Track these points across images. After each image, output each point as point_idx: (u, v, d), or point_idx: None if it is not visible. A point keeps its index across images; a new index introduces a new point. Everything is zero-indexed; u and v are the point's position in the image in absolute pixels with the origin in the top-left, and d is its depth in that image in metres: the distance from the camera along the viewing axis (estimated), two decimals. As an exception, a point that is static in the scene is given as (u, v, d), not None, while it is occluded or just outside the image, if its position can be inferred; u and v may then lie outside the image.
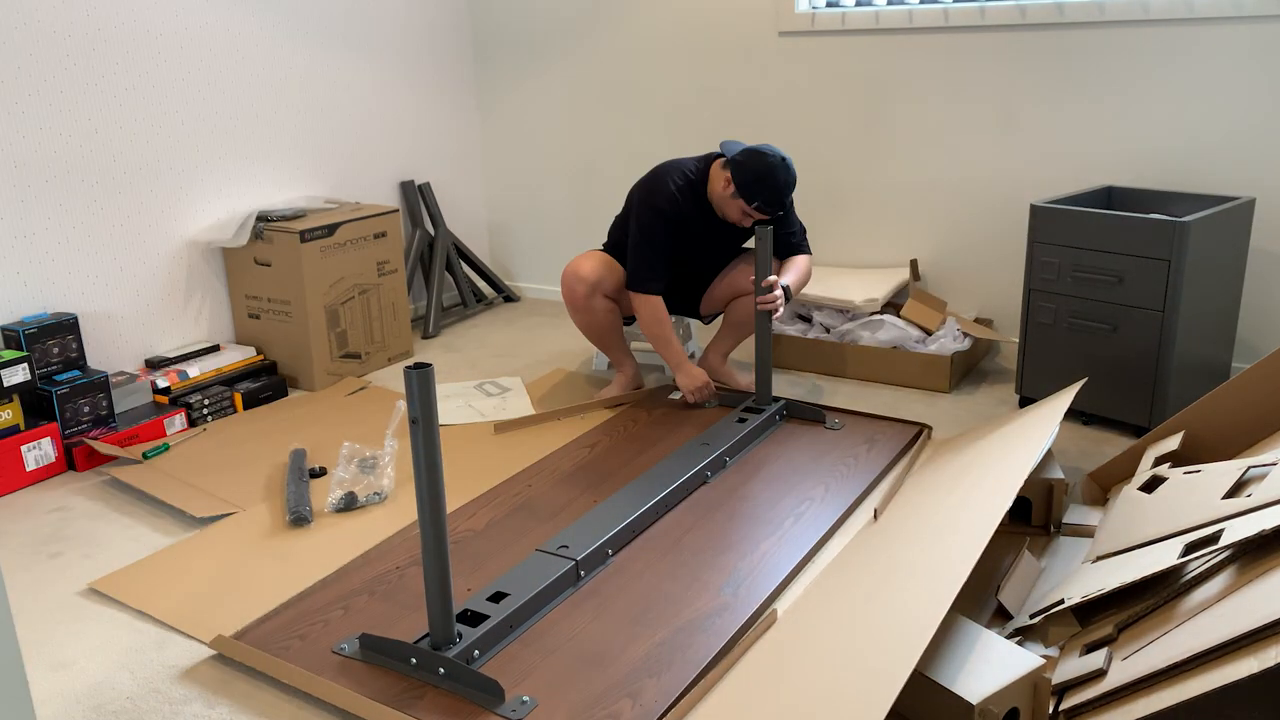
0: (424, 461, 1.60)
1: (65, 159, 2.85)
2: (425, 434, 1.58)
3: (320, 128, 3.59)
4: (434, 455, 1.60)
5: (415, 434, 1.58)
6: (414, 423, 1.58)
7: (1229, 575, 1.49)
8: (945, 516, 1.89)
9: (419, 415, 1.57)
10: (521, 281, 4.39)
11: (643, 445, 2.64)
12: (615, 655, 1.74)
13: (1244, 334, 3.00)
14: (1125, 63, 3.00)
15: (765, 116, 3.63)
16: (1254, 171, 2.89)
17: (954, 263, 3.44)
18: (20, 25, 2.70)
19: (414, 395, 1.56)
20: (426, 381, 1.56)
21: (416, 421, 1.57)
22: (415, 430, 1.58)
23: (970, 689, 1.49)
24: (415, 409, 1.57)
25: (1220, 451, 2.13)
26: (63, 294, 2.89)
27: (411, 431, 1.58)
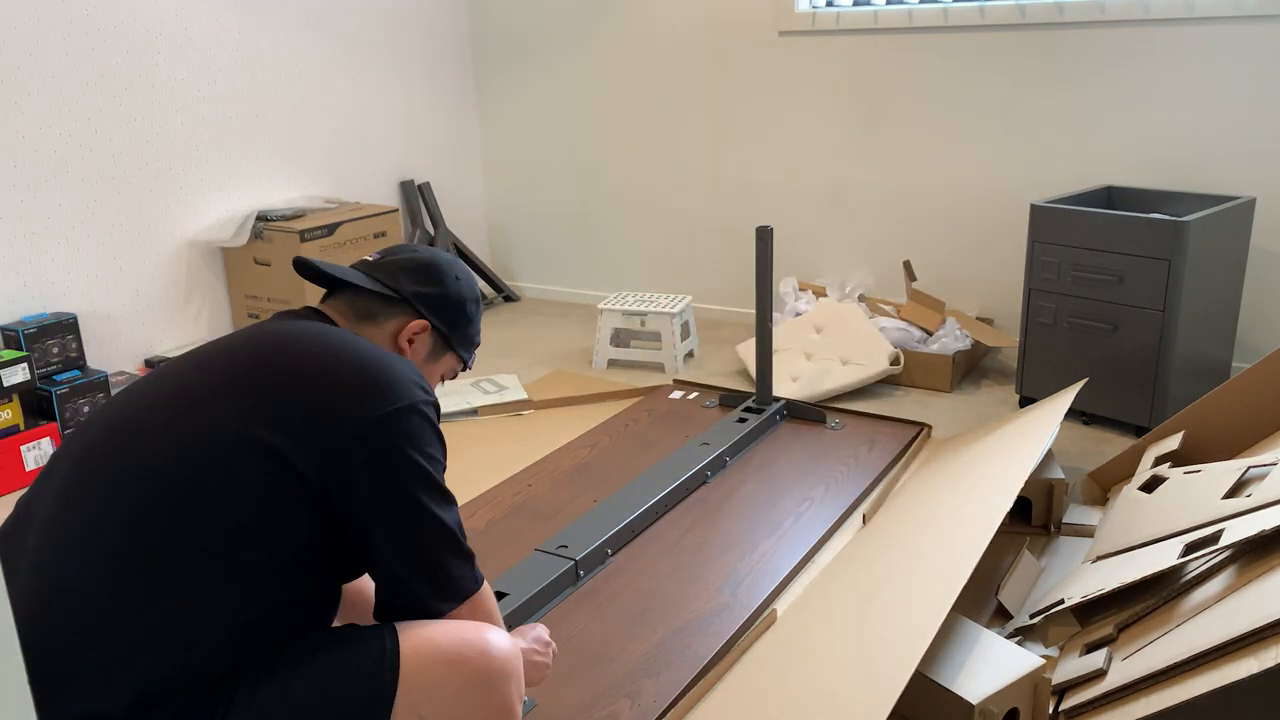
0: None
1: (65, 159, 2.84)
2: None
3: (320, 127, 3.59)
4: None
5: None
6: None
7: (1229, 575, 1.49)
8: (946, 516, 1.88)
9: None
10: (521, 281, 4.39)
11: (643, 445, 2.64)
12: (614, 655, 1.74)
13: (1244, 334, 3.00)
14: (1125, 63, 2.99)
15: (765, 116, 3.63)
16: (1254, 171, 2.88)
17: (954, 263, 3.44)
18: (20, 25, 2.70)
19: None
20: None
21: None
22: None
23: (970, 689, 1.49)
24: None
25: (1220, 451, 2.13)
26: (62, 294, 2.89)
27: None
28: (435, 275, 1.38)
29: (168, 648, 1.04)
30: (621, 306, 3.38)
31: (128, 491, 1.07)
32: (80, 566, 1.05)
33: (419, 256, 1.40)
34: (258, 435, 1.09)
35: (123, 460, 1.10)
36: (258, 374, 1.14)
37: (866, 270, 3.59)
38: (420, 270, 1.38)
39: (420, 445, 1.17)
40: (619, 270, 4.12)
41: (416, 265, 1.38)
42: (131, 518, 1.06)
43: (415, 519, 1.16)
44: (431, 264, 1.39)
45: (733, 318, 3.90)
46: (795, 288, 3.54)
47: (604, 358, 3.41)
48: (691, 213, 3.88)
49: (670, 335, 3.32)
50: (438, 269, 1.39)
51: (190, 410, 1.12)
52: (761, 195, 3.72)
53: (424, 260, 1.39)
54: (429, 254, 1.41)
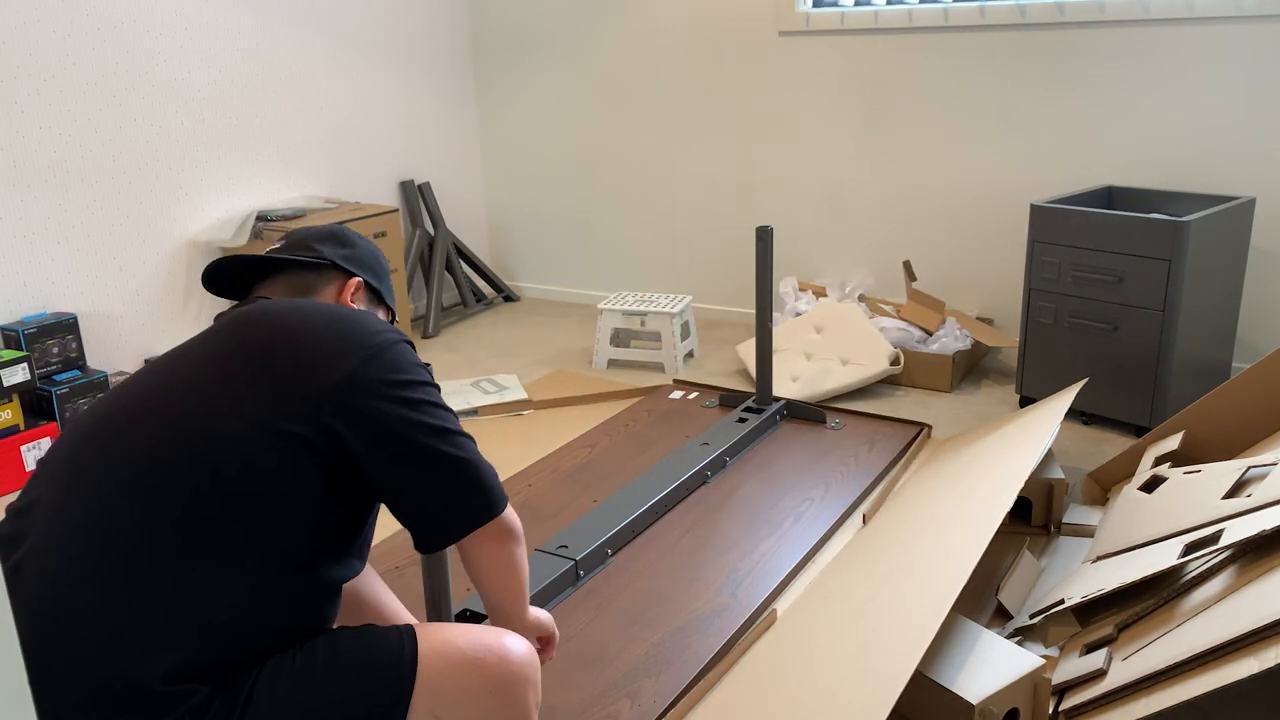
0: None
1: (65, 159, 2.84)
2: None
3: (320, 127, 3.59)
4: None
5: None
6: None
7: (1229, 575, 1.49)
8: (946, 516, 1.88)
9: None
10: (521, 281, 4.39)
11: (643, 445, 2.64)
12: (614, 655, 1.74)
13: (1244, 334, 3.00)
14: (1125, 63, 2.99)
15: (765, 116, 3.63)
16: (1254, 171, 2.88)
17: (954, 263, 3.44)
18: (20, 25, 2.70)
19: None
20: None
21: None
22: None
23: (970, 689, 1.49)
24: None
25: (1220, 451, 2.13)
26: (62, 294, 2.89)
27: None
28: (345, 239, 1.45)
29: (182, 629, 1.05)
30: (621, 306, 3.38)
31: (132, 477, 1.09)
32: (90, 545, 1.06)
33: (320, 228, 1.46)
34: (257, 414, 1.12)
35: (124, 449, 1.11)
36: (242, 354, 1.17)
37: (866, 270, 3.59)
38: (331, 237, 1.44)
39: (414, 371, 1.22)
40: (619, 270, 4.12)
41: (326, 234, 1.44)
42: (138, 500, 1.07)
43: (436, 439, 1.19)
44: (338, 231, 1.46)
45: (733, 318, 3.90)
46: (795, 288, 3.54)
47: (604, 358, 3.41)
48: (691, 213, 3.88)
49: (670, 335, 3.32)
50: (344, 234, 1.46)
51: (186, 398, 1.14)
52: (761, 195, 3.72)
53: (328, 229, 1.45)
54: (327, 225, 1.48)
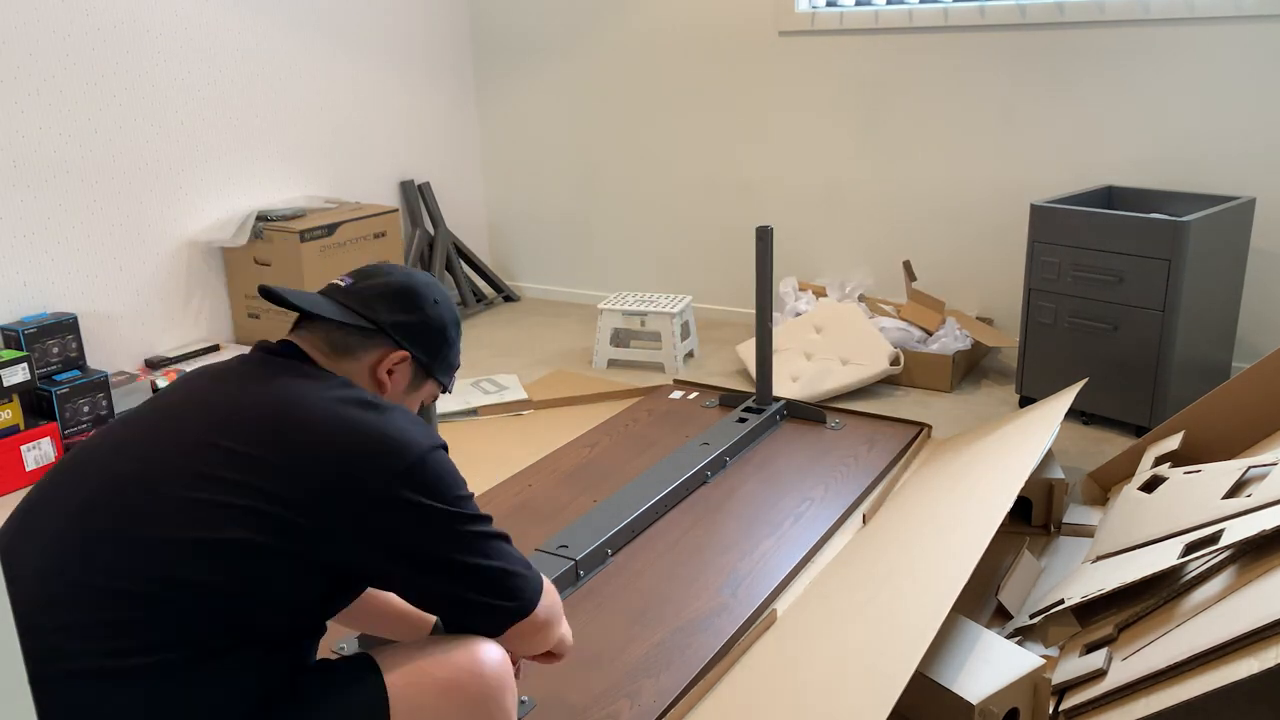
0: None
1: (65, 159, 2.85)
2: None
3: (320, 127, 3.59)
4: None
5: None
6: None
7: (1229, 575, 1.49)
8: (946, 516, 1.88)
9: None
10: (521, 281, 4.39)
11: (643, 445, 2.64)
12: (614, 656, 1.74)
13: (1244, 334, 3.00)
14: (1125, 63, 2.99)
15: (765, 116, 3.63)
16: (1254, 171, 2.88)
17: (954, 263, 3.44)
18: (20, 25, 2.70)
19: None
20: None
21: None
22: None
23: (970, 689, 1.49)
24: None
25: (1220, 451, 2.13)
26: (62, 294, 2.89)
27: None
28: (413, 302, 1.30)
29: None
30: (621, 306, 3.38)
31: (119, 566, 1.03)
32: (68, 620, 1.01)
33: (394, 280, 1.31)
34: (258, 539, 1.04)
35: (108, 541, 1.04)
36: (252, 458, 1.07)
37: (866, 270, 3.59)
38: (397, 297, 1.29)
39: (446, 490, 1.15)
40: (619, 270, 4.12)
41: (393, 292, 1.29)
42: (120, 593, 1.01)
43: (464, 567, 1.14)
44: (409, 289, 1.31)
45: (733, 318, 3.90)
46: (795, 288, 3.54)
47: (604, 358, 3.41)
48: (691, 213, 3.88)
49: (670, 335, 3.32)
50: (415, 294, 1.31)
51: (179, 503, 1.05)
52: (761, 195, 3.72)
53: (401, 285, 1.30)
54: (405, 277, 1.32)
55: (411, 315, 1.29)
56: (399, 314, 1.28)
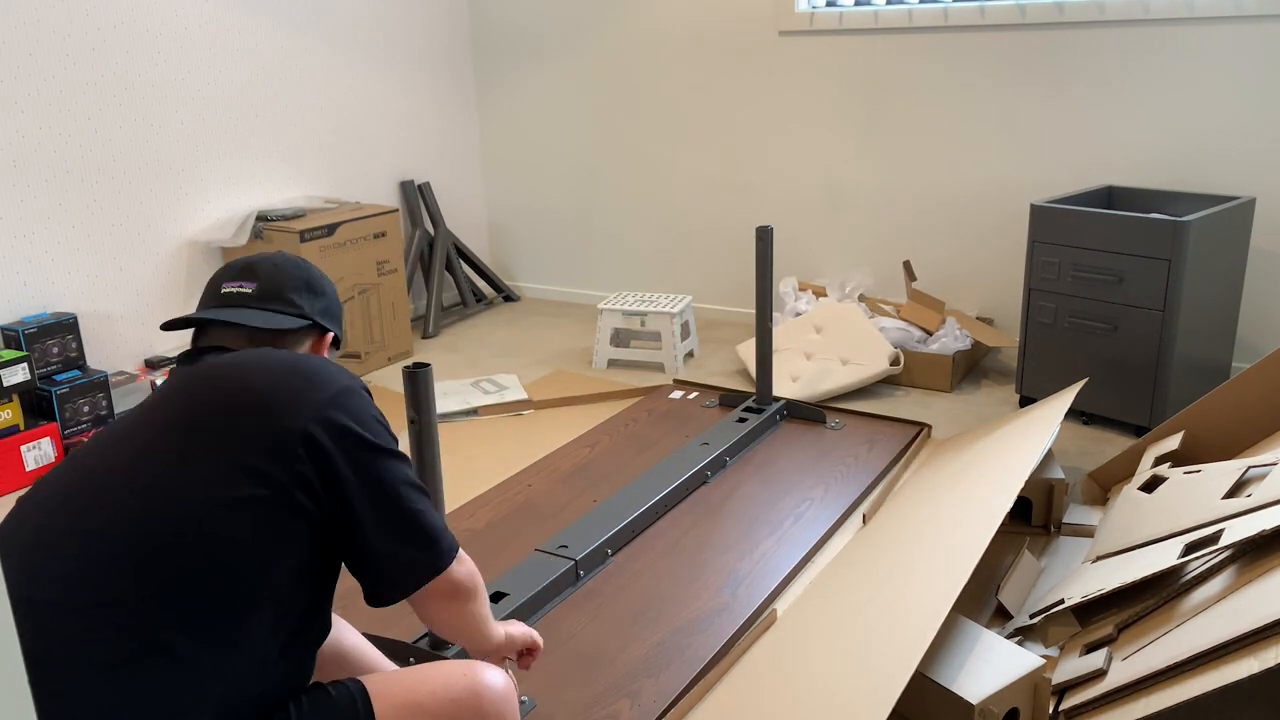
0: (421, 461, 1.60)
1: (65, 159, 2.84)
2: (422, 434, 1.58)
3: (320, 128, 3.59)
4: (433, 455, 1.60)
5: (413, 434, 1.58)
6: (412, 423, 1.57)
7: (1229, 575, 1.49)
8: (946, 516, 1.88)
9: (416, 415, 1.57)
10: (521, 281, 4.39)
11: (643, 445, 2.64)
12: (614, 655, 1.74)
13: (1244, 334, 3.00)
14: (1125, 63, 2.99)
15: (765, 116, 3.63)
16: (1254, 171, 2.88)
17: (954, 263, 3.44)
18: (20, 25, 2.70)
19: (413, 396, 1.56)
20: (425, 382, 1.56)
21: (414, 421, 1.57)
22: (413, 430, 1.58)
23: (970, 689, 1.49)
24: (413, 409, 1.56)
25: (1220, 451, 2.13)
26: (62, 294, 2.89)
27: (410, 431, 1.58)
28: (317, 285, 1.37)
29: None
30: (621, 306, 3.38)
31: (111, 550, 1.04)
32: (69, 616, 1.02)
33: (294, 273, 1.35)
34: (227, 481, 1.08)
35: (97, 525, 1.06)
36: (208, 416, 1.12)
37: (866, 270, 3.59)
38: (307, 287, 1.35)
39: (374, 418, 1.19)
40: (619, 270, 4.12)
41: (301, 283, 1.35)
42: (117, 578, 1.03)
43: (392, 488, 1.17)
44: (309, 276, 1.37)
45: (733, 318, 3.90)
46: (795, 288, 3.53)
47: (604, 358, 3.41)
48: (691, 213, 3.88)
49: (670, 335, 3.32)
50: (314, 278, 1.37)
51: (157, 476, 1.08)
52: (761, 195, 3.72)
53: (303, 275, 1.36)
54: (295, 266, 1.36)
55: (322, 299, 1.37)
56: (316, 300, 1.35)
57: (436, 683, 1.16)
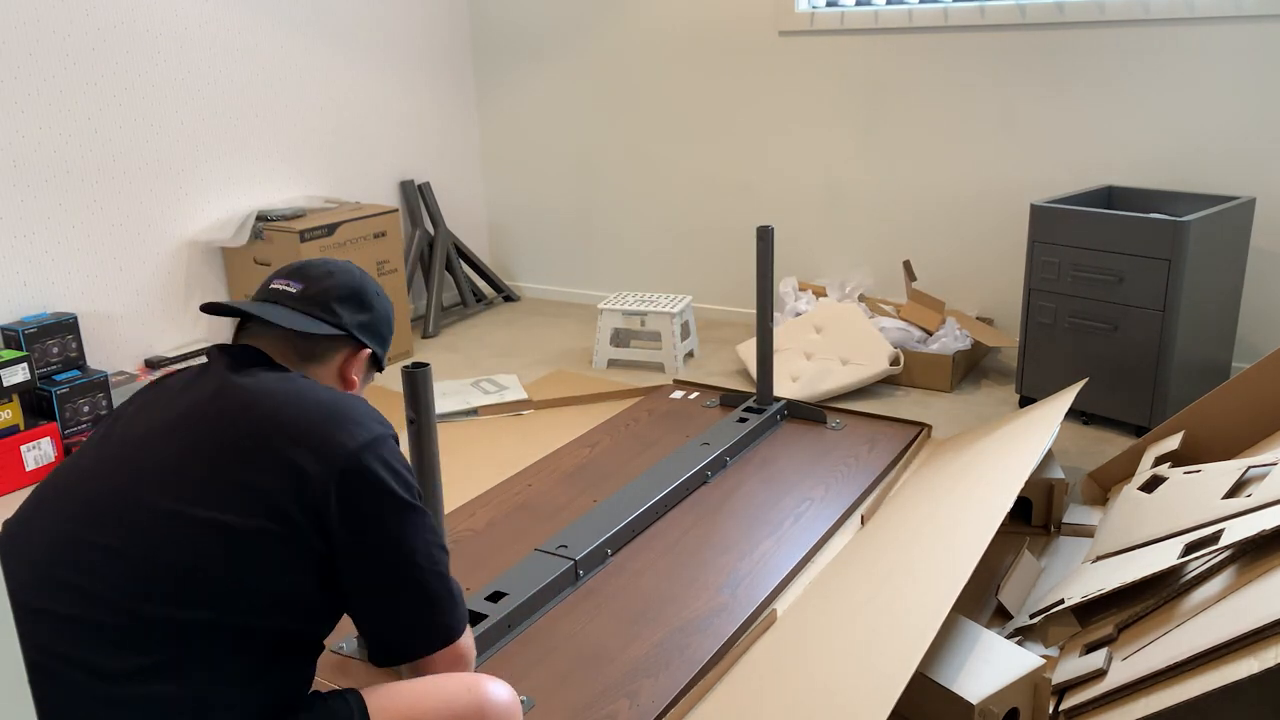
0: (421, 461, 1.60)
1: (65, 159, 2.85)
2: (422, 434, 1.58)
3: (320, 128, 3.59)
4: (432, 455, 1.60)
5: (412, 433, 1.58)
6: (411, 422, 1.57)
7: (1229, 575, 1.49)
8: (946, 517, 1.88)
9: (416, 415, 1.57)
10: (521, 281, 4.39)
11: (643, 445, 2.64)
12: (613, 655, 1.74)
13: (1244, 334, 3.00)
14: (1125, 63, 2.99)
15: (765, 116, 3.63)
16: (1254, 171, 2.88)
17: (954, 263, 3.44)
18: (20, 25, 2.70)
19: (411, 395, 1.56)
20: (424, 381, 1.56)
21: (414, 421, 1.57)
22: (412, 430, 1.58)
23: (970, 689, 1.49)
24: (412, 409, 1.56)
25: (1220, 451, 2.13)
26: (62, 294, 2.89)
27: (409, 431, 1.58)
28: (365, 299, 1.34)
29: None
30: (621, 306, 3.38)
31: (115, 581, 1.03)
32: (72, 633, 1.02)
33: (344, 281, 1.33)
34: (252, 521, 1.06)
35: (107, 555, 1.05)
36: (234, 448, 1.10)
37: (866, 270, 3.59)
38: (353, 297, 1.33)
39: (405, 471, 1.16)
40: (619, 270, 4.12)
41: (348, 292, 1.33)
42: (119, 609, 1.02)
43: (411, 551, 1.14)
44: (360, 287, 1.34)
45: (733, 318, 3.90)
46: (795, 288, 3.53)
47: (604, 358, 3.41)
48: (691, 213, 3.88)
49: (670, 335, 3.31)
50: (365, 291, 1.35)
51: (181, 501, 1.07)
52: (761, 195, 3.72)
53: (353, 285, 1.34)
54: (349, 275, 1.35)
55: (367, 314, 1.34)
56: (358, 314, 1.32)
57: (440, 698, 1.13)
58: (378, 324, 1.36)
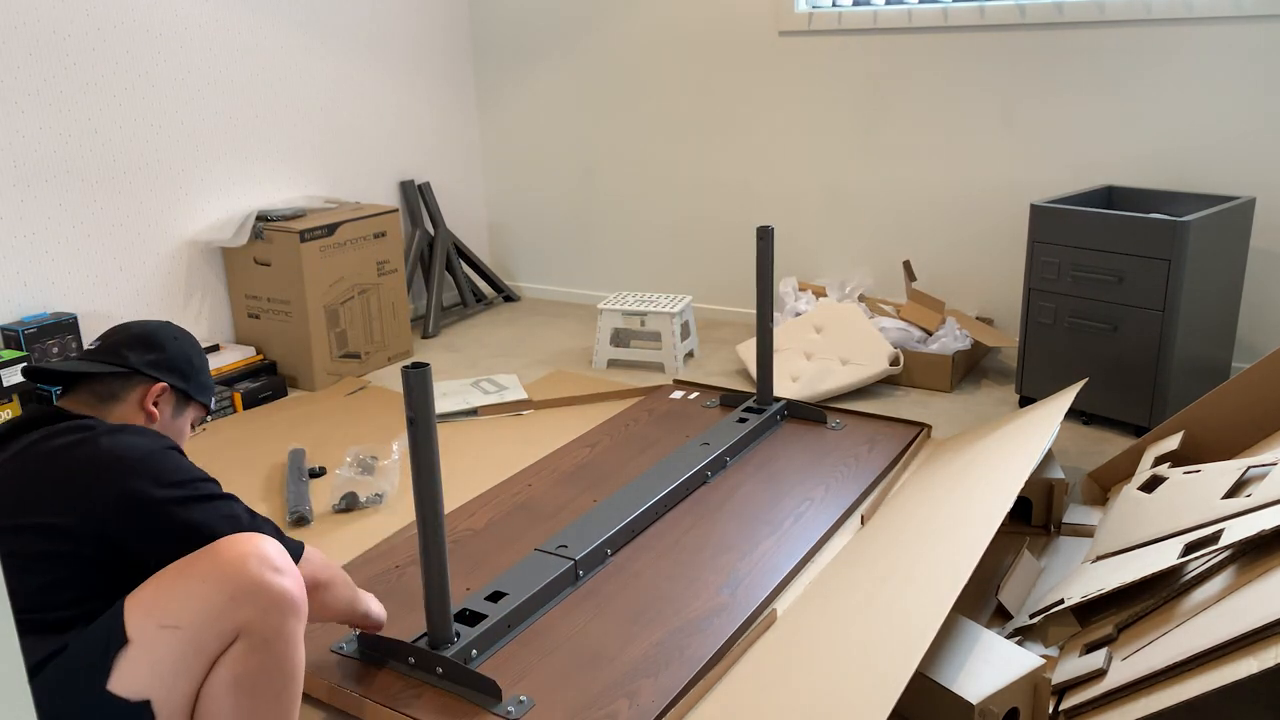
0: (421, 461, 1.60)
1: (65, 159, 2.84)
2: (421, 434, 1.58)
3: (320, 128, 3.59)
4: (431, 455, 1.60)
5: (412, 433, 1.58)
6: (411, 422, 1.57)
7: (1229, 575, 1.49)
8: (946, 517, 1.88)
9: (415, 415, 1.57)
10: (521, 281, 4.39)
11: (644, 445, 2.64)
12: (613, 655, 1.74)
13: (1244, 334, 3.00)
14: (1125, 63, 2.99)
15: (765, 116, 3.63)
16: (1254, 171, 2.88)
17: (954, 262, 3.44)
18: (20, 25, 2.70)
19: (411, 395, 1.56)
20: (424, 381, 1.56)
21: (414, 421, 1.57)
22: (412, 430, 1.58)
23: (970, 689, 1.49)
24: (412, 408, 1.56)
25: (1220, 451, 2.13)
26: (63, 294, 2.89)
27: (409, 431, 1.58)
28: (155, 341, 1.54)
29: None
30: (621, 306, 3.38)
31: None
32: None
33: (135, 329, 1.55)
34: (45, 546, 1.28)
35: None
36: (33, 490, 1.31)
37: (866, 270, 3.59)
38: (140, 341, 1.53)
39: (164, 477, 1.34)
40: (619, 270, 4.12)
41: (135, 338, 1.54)
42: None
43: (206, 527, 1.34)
44: (148, 333, 1.55)
45: (733, 318, 3.90)
46: (795, 288, 3.53)
47: (604, 358, 3.41)
48: (691, 213, 3.88)
49: (670, 335, 3.31)
50: (155, 335, 1.55)
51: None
52: (761, 195, 3.72)
53: (140, 332, 1.55)
54: (142, 325, 1.56)
55: (157, 353, 1.55)
56: (146, 354, 1.53)
57: (177, 566, 1.27)
58: (173, 361, 1.55)
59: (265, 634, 1.25)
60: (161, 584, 1.25)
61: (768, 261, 2.65)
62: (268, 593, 1.25)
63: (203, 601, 1.22)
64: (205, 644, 1.22)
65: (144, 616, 1.22)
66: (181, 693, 1.22)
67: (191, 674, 1.22)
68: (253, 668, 1.25)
